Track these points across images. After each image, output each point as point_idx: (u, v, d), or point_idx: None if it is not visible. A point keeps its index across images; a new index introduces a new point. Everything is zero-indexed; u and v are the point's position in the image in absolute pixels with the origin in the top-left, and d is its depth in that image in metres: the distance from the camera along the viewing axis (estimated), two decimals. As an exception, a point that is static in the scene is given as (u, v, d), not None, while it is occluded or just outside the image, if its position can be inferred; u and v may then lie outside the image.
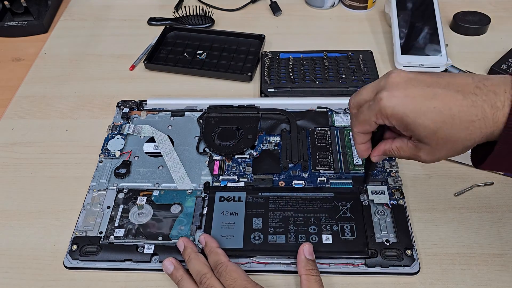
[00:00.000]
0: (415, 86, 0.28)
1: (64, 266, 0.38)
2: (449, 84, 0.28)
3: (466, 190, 0.43)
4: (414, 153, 0.31)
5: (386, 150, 0.33)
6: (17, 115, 0.54)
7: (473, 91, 0.27)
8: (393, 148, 0.32)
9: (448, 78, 0.28)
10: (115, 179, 0.44)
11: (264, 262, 0.38)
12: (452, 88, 0.28)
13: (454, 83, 0.28)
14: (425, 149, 0.30)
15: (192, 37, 0.63)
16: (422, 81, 0.28)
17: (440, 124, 0.27)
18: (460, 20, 0.62)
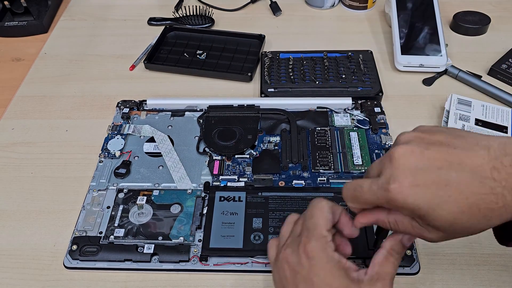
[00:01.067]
0: (425, 170, 0.25)
1: (64, 266, 0.38)
2: (462, 163, 0.24)
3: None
4: (419, 233, 0.27)
5: (379, 221, 0.28)
6: (17, 115, 0.54)
7: (490, 175, 0.24)
8: (390, 221, 0.28)
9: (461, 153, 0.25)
10: (115, 179, 0.44)
11: (264, 262, 0.38)
12: (466, 170, 0.24)
13: (467, 160, 0.24)
14: (435, 233, 0.26)
15: (192, 37, 0.63)
16: (432, 162, 0.25)
17: (457, 215, 0.24)
18: (460, 20, 0.62)
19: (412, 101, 0.53)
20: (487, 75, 0.56)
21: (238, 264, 0.38)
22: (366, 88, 0.53)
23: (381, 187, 0.26)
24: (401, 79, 0.56)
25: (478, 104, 0.49)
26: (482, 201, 0.24)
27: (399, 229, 0.28)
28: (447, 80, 0.56)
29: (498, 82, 0.55)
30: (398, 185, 0.25)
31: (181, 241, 0.39)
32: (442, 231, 0.26)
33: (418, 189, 0.24)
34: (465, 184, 0.24)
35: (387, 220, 0.28)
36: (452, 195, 0.24)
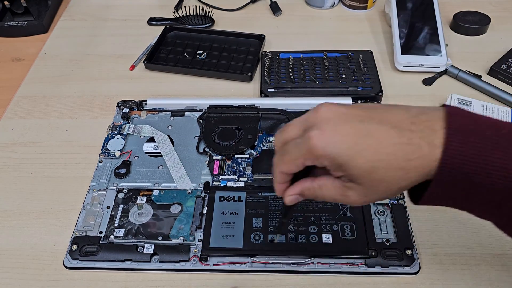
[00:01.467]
0: (348, 122, 0.26)
1: (64, 266, 0.38)
2: (383, 119, 0.26)
3: (466, 190, 0.43)
4: (342, 193, 0.27)
5: (305, 189, 0.29)
6: (17, 115, 0.54)
7: (408, 127, 0.25)
8: (314, 187, 0.28)
9: (383, 111, 0.26)
10: (115, 179, 0.44)
11: (264, 262, 0.38)
12: (387, 124, 0.25)
13: (389, 118, 0.26)
14: (356, 189, 0.27)
15: (192, 37, 0.63)
16: (355, 116, 0.26)
17: (375, 163, 0.25)
18: (460, 20, 0.62)
19: (412, 101, 0.53)
20: (487, 75, 0.56)
21: (238, 264, 0.38)
22: (366, 88, 0.53)
23: (305, 137, 0.26)
24: (401, 79, 0.56)
25: (478, 104, 0.49)
26: (400, 151, 0.25)
27: (323, 194, 0.28)
28: (447, 80, 0.56)
29: (498, 82, 0.55)
30: (319, 132, 0.25)
31: (181, 241, 0.39)
32: (361, 184, 0.26)
33: (339, 137, 0.25)
34: (384, 134, 0.25)
35: (312, 186, 0.28)
36: (372, 144, 0.25)
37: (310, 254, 0.38)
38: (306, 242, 0.38)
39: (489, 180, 0.24)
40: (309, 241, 0.38)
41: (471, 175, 0.24)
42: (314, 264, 0.37)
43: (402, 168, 0.25)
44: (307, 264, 0.37)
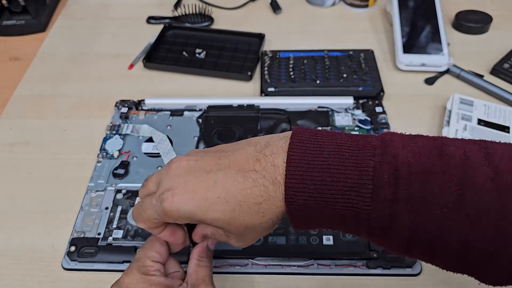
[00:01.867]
0: (195, 175, 0.25)
1: (62, 268, 0.38)
2: (230, 163, 0.25)
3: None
4: (226, 240, 0.28)
5: (204, 234, 0.29)
6: (14, 115, 0.53)
7: (253, 168, 0.24)
8: (208, 233, 0.29)
9: (230, 154, 0.26)
10: (113, 179, 0.44)
11: (264, 264, 0.37)
12: (234, 168, 0.25)
13: (234, 160, 0.25)
14: (232, 237, 0.27)
15: (191, 36, 0.63)
16: (201, 168, 0.25)
17: (230, 214, 0.25)
18: (462, 19, 0.62)
19: (413, 101, 0.53)
20: (490, 74, 0.55)
21: (238, 266, 0.37)
22: (367, 87, 0.53)
23: (158, 199, 0.26)
24: (402, 79, 0.56)
25: (480, 104, 0.49)
26: (249, 196, 0.24)
27: (219, 239, 0.28)
28: (449, 80, 0.55)
29: (501, 82, 0.54)
30: (170, 193, 0.25)
31: (180, 243, 0.38)
32: (230, 232, 0.26)
33: (189, 195, 0.25)
34: (231, 181, 0.24)
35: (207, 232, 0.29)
36: (221, 196, 0.24)
37: (311, 256, 0.37)
38: (307, 244, 0.38)
39: (337, 213, 0.23)
40: (309, 243, 0.38)
41: (319, 209, 0.23)
42: (315, 266, 0.37)
43: (256, 212, 0.24)
44: (308, 266, 0.37)
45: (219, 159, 0.26)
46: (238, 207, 0.24)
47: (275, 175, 0.24)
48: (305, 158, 0.23)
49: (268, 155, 0.24)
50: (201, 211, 0.25)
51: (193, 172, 0.26)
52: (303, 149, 0.23)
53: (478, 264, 0.23)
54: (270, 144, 0.25)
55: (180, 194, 0.25)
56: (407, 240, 0.23)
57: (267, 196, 0.24)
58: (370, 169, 0.22)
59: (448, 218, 0.22)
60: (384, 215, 0.22)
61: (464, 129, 0.45)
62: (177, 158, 0.27)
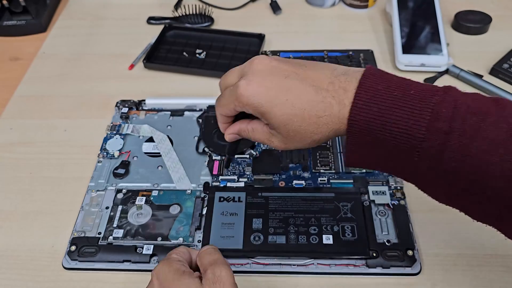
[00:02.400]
0: (274, 75, 0.29)
1: (63, 267, 0.38)
2: (306, 76, 0.28)
3: (468, 190, 0.42)
4: (268, 138, 0.31)
5: (241, 129, 0.33)
6: (15, 115, 0.53)
7: (326, 87, 0.27)
8: (248, 129, 0.32)
9: (308, 69, 0.29)
10: (114, 179, 0.44)
11: (264, 263, 0.37)
12: (308, 82, 0.28)
13: (312, 76, 0.28)
14: (278, 137, 0.30)
15: (191, 36, 0.63)
16: (281, 71, 0.29)
17: (290, 117, 0.28)
18: (462, 19, 0.62)
19: (413, 101, 0.53)
20: (489, 74, 0.56)
21: (238, 265, 0.37)
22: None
23: (235, 86, 0.29)
24: (402, 79, 0.56)
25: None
26: (313, 108, 0.27)
27: (255, 136, 0.32)
28: (449, 80, 0.55)
29: (500, 82, 0.55)
30: (246, 83, 0.29)
31: (180, 242, 0.38)
32: (280, 133, 0.29)
33: (262, 90, 0.28)
34: (303, 91, 0.28)
35: (247, 128, 0.32)
36: (290, 99, 0.28)
37: (310, 255, 0.37)
38: (307, 243, 0.38)
39: (392, 139, 0.25)
40: (309, 242, 0.38)
41: (376, 133, 0.26)
42: (315, 265, 0.37)
43: (314, 123, 0.28)
44: (307, 265, 0.37)
45: (299, 69, 0.29)
46: (300, 114, 0.28)
47: (343, 98, 0.27)
48: (374, 87, 0.26)
49: (342, 81, 0.27)
50: (268, 106, 0.28)
51: (273, 71, 0.29)
52: (373, 80, 0.26)
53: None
54: (347, 73, 0.28)
55: (254, 86, 0.28)
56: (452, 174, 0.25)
57: (330, 112, 0.27)
58: (431, 103, 0.25)
59: (496, 153, 0.23)
60: (436, 144, 0.24)
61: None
62: (260, 56, 0.30)
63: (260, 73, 0.29)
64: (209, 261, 0.30)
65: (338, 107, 0.27)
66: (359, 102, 0.26)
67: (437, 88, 0.26)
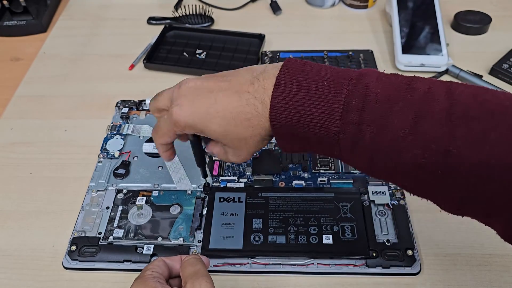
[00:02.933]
0: (200, 94, 0.30)
1: (63, 267, 0.38)
2: (229, 86, 0.29)
3: (467, 190, 0.43)
4: (225, 156, 0.33)
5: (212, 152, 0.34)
6: (15, 115, 0.53)
7: (247, 89, 0.29)
8: (213, 152, 0.34)
9: (231, 78, 0.30)
10: (114, 179, 0.44)
11: (264, 263, 0.37)
12: (232, 89, 0.29)
13: (235, 82, 0.29)
14: (229, 151, 0.32)
15: (191, 36, 0.63)
16: (206, 88, 0.30)
17: (225, 127, 0.29)
18: (461, 20, 0.62)
19: (412, 101, 0.53)
20: (488, 74, 0.56)
21: (238, 265, 0.37)
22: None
23: (169, 113, 0.31)
24: (401, 79, 0.56)
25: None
26: (241, 113, 0.28)
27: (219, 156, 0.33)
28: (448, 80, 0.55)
29: (500, 82, 0.55)
30: (179, 108, 0.30)
31: (180, 242, 0.39)
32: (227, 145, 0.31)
33: (194, 109, 0.30)
34: (228, 99, 0.29)
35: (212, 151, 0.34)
36: (219, 111, 0.29)
37: (310, 255, 0.37)
38: (307, 243, 0.38)
39: (313, 134, 0.27)
40: (309, 242, 0.38)
41: (297, 128, 0.27)
42: (315, 265, 0.37)
43: (247, 126, 0.29)
44: (307, 265, 0.37)
45: (221, 82, 0.30)
46: (232, 122, 0.29)
47: (264, 96, 0.28)
48: (290, 83, 0.27)
49: (261, 80, 0.28)
50: (202, 122, 0.30)
51: (199, 91, 0.30)
52: (290, 76, 0.28)
53: (431, 188, 0.26)
54: (265, 71, 0.29)
55: (186, 108, 0.30)
56: (370, 159, 0.26)
57: (256, 113, 0.28)
58: (343, 95, 0.26)
59: (404, 142, 0.24)
60: (350, 135, 0.26)
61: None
62: (187, 79, 0.32)
63: (188, 95, 0.30)
64: (189, 273, 0.30)
65: (261, 107, 0.28)
66: (277, 101, 0.27)
67: (352, 74, 0.27)
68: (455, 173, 0.24)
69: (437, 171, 0.24)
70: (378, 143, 0.25)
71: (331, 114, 0.26)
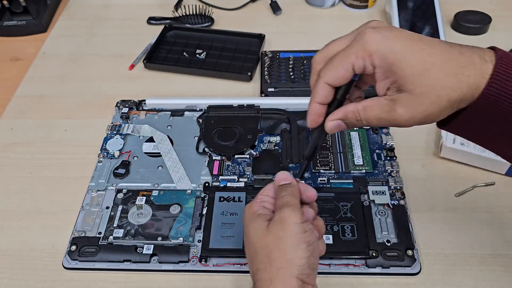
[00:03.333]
0: (400, 31, 0.26)
1: (63, 267, 0.38)
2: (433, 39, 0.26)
3: (467, 190, 0.43)
4: (389, 110, 0.26)
5: (348, 112, 0.28)
6: (16, 115, 0.53)
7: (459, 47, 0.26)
8: (358, 108, 0.27)
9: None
10: (114, 179, 0.44)
11: (264, 263, 0.37)
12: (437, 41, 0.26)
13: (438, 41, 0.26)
14: (405, 100, 0.26)
15: (191, 36, 0.63)
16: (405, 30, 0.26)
17: (429, 66, 0.25)
18: (461, 20, 0.62)
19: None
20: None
21: (238, 265, 0.37)
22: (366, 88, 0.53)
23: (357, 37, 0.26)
24: (401, 79, 0.56)
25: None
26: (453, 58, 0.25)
27: (368, 115, 0.27)
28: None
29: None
30: (373, 29, 0.25)
31: (180, 242, 0.39)
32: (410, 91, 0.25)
33: (393, 37, 0.25)
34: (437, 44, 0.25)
35: (356, 108, 0.27)
36: (425, 48, 0.25)
37: (310, 254, 0.37)
38: (307, 243, 0.38)
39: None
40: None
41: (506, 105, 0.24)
42: (315, 265, 0.37)
43: (454, 75, 0.24)
44: (307, 265, 0.37)
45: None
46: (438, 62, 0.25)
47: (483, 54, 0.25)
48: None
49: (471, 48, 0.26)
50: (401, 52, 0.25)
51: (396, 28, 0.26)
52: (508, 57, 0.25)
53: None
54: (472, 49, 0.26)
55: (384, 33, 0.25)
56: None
57: (472, 62, 0.25)
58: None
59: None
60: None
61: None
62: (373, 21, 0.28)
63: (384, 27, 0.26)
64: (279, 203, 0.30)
65: (479, 60, 0.24)
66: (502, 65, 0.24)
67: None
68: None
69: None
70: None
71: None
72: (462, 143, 0.44)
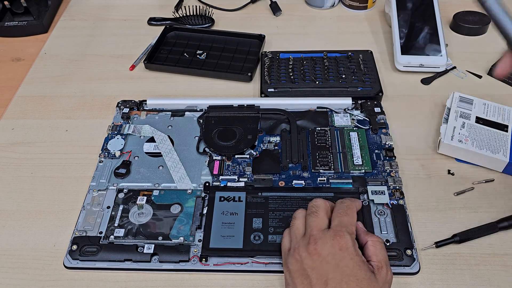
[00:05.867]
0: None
1: (64, 266, 0.38)
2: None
3: (467, 190, 0.43)
4: None
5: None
6: (17, 115, 0.54)
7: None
8: None
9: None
10: (115, 179, 0.44)
11: (264, 262, 0.38)
12: None
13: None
14: None
15: (192, 37, 0.63)
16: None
17: None
18: (460, 20, 0.62)
19: (412, 101, 0.53)
20: (487, 75, 0.56)
21: (238, 264, 0.38)
22: (366, 88, 0.53)
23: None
24: (401, 79, 0.56)
25: (480, 102, 0.49)
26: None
27: None
28: (448, 80, 0.56)
29: (498, 83, 0.55)
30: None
31: (181, 241, 0.39)
32: None
33: None
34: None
35: None
36: None
37: (310, 254, 0.37)
38: (306, 242, 0.38)
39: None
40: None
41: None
42: (314, 264, 0.37)
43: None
44: (307, 264, 0.37)
45: None
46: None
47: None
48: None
49: None
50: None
51: None
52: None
53: None
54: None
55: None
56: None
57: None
58: None
59: None
60: None
61: (462, 126, 0.45)
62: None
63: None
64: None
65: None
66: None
67: None
68: None
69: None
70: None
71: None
72: (460, 140, 0.44)
